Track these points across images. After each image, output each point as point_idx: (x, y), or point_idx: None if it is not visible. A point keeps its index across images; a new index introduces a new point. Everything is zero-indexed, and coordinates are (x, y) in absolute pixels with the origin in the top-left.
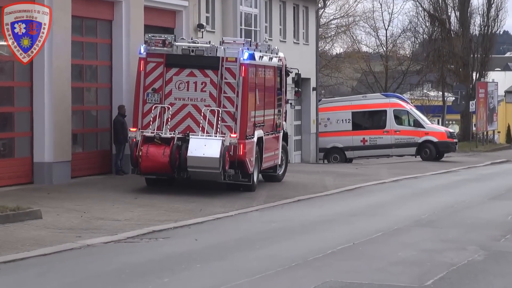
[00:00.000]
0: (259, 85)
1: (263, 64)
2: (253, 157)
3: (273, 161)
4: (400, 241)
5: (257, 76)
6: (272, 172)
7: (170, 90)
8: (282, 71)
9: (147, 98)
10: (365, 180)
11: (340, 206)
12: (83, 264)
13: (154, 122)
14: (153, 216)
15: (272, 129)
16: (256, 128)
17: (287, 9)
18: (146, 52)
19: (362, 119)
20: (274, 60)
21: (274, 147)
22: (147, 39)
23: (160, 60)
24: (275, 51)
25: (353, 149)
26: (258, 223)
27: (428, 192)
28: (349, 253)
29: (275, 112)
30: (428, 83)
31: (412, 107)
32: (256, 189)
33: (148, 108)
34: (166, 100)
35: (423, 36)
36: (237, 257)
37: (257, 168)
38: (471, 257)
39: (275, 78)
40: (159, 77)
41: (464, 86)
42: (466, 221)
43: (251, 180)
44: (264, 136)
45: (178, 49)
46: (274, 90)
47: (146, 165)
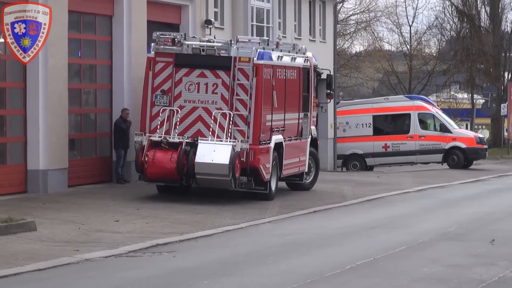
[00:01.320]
0: (278, 87)
1: (283, 64)
2: (269, 164)
3: (297, 168)
4: (425, 256)
5: (275, 78)
6: (299, 180)
7: (180, 92)
8: (310, 72)
9: (155, 100)
10: (387, 190)
11: (359, 217)
12: (81, 280)
13: (162, 126)
14: (157, 229)
15: (296, 134)
16: (274, 133)
17: (303, 4)
18: (154, 52)
19: (384, 123)
20: (298, 60)
21: (298, 154)
22: (155, 37)
23: (169, 60)
24: (302, 50)
25: (374, 155)
26: (270, 236)
27: (456, 203)
28: (369, 268)
29: (300, 116)
30: (455, 84)
31: (438, 110)
32: (274, 198)
33: (156, 111)
34: (175, 102)
35: (450, 33)
36: (247, 272)
37: (276, 175)
38: (502, 273)
39: (300, 79)
40: (168, 78)
41: (495, 88)
42: (497, 234)
43: (267, 188)
44: (285, 142)
45: (188, 48)
46: (298, 92)
47: (152, 171)
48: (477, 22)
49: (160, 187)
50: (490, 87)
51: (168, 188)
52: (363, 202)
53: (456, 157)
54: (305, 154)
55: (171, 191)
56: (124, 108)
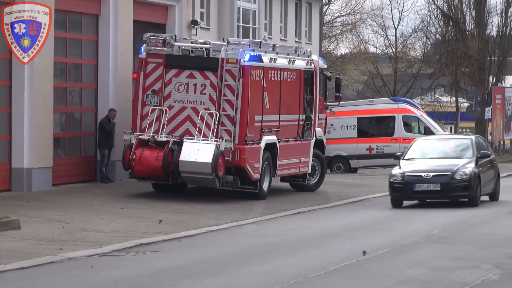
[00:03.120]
0: (271, 88)
1: (278, 67)
2: (258, 164)
3: (297, 169)
4: (409, 258)
5: (267, 79)
6: (301, 181)
7: (170, 92)
8: (315, 75)
9: (146, 100)
10: (371, 192)
11: (343, 219)
12: (64, 279)
13: (152, 125)
14: (141, 228)
15: (297, 136)
16: (265, 133)
17: (289, 5)
18: (146, 53)
19: (368, 125)
20: (298, 63)
21: (298, 155)
22: (146, 38)
23: (160, 61)
24: (307, 53)
25: (359, 158)
26: (254, 237)
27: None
28: (353, 270)
29: (301, 118)
30: (440, 88)
31: (423, 113)
32: (266, 197)
33: (147, 110)
34: (165, 102)
35: (435, 36)
36: (231, 273)
37: (269, 175)
38: (485, 276)
39: (300, 82)
40: (159, 79)
41: (479, 91)
42: (480, 237)
43: (257, 187)
44: (281, 143)
45: (178, 49)
46: (298, 94)
47: (139, 169)
48: (463, 26)
49: (155, 185)
50: (475, 91)
51: (164, 186)
52: (347, 204)
53: None
54: (308, 155)
55: (167, 189)
56: (112, 109)
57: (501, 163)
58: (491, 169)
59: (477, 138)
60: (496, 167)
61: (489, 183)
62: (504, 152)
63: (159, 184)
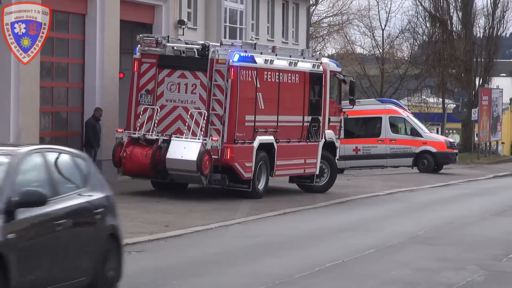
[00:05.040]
0: (267, 89)
1: (276, 68)
2: (250, 163)
3: (301, 170)
4: (394, 259)
5: (261, 80)
6: (309, 182)
7: (162, 92)
8: (325, 77)
9: (140, 99)
10: (357, 193)
11: (329, 220)
12: None
13: (146, 123)
14: (126, 228)
15: (301, 137)
16: (260, 133)
17: (276, 6)
18: (140, 53)
19: (355, 126)
20: (302, 65)
21: (303, 156)
22: (139, 39)
23: (153, 61)
24: (316, 56)
25: (345, 158)
26: (240, 237)
27: (425, 206)
28: (338, 271)
29: (306, 120)
30: (427, 89)
31: (410, 115)
32: (262, 196)
33: (141, 109)
34: (157, 101)
35: (422, 37)
36: (216, 273)
37: (265, 175)
38: (470, 278)
39: (305, 84)
40: (152, 78)
41: (466, 93)
42: (466, 239)
43: (250, 186)
44: (279, 143)
45: (171, 49)
46: (302, 96)
47: (129, 166)
48: (449, 27)
49: (154, 183)
50: (461, 92)
51: (163, 184)
52: (333, 205)
53: (426, 161)
54: (315, 157)
55: (166, 188)
56: (98, 108)
57: (488, 165)
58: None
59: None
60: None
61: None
62: (490, 153)
63: (158, 183)
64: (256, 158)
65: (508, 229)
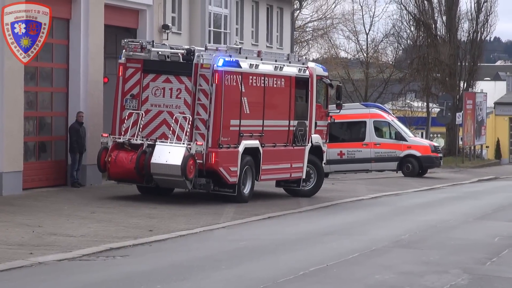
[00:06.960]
0: (252, 93)
1: (261, 72)
2: (235, 167)
3: (288, 174)
4: (378, 263)
5: (246, 84)
6: (296, 187)
7: (147, 97)
8: (311, 82)
9: (125, 104)
10: (342, 197)
11: (313, 224)
12: (34, 283)
13: (131, 128)
14: (111, 232)
15: (286, 141)
16: (245, 137)
17: (260, 10)
18: (125, 58)
19: (339, 130)
20: (288, 69)
21: (289, 160)
22: (124, 44)
23: (138, 66)
24: (302, 61)
25: (329, 162)
26: (224, 241)
27: (409, 210)
28: (322, 275)
29: (292, 124)
30: (411, 93)
31: (394, 119)
32: (248, 200)
33: (126, 114)
34: (142, 106)
35: (407, 41)
36: (200, 277)
37: (251, 179)
38: (454, 281)
39: (291, 88)
40: (137, 83)
41: (450, 97)
42: (450, 242)
43: (236, 191)
44: (265, 147)
45: (156, 54)
46: (288, 100)
47: (114, 171)
48: (434, 31)
49: (140, 187)
50: (446, 96)
51: (148, 189)
52: (318, 209)
53: (411, 165)
54: (301, 161)
55: (152, 193)
56: (78, 111)
57: (472, 168)
58: None
59: None
60: None
61: None
62: (474, 157)
63: (144, 187)
64: (241, 162)
65: (492, 233)
